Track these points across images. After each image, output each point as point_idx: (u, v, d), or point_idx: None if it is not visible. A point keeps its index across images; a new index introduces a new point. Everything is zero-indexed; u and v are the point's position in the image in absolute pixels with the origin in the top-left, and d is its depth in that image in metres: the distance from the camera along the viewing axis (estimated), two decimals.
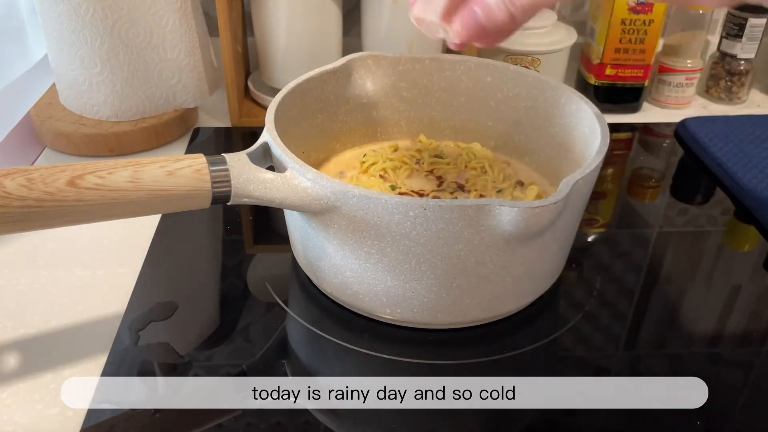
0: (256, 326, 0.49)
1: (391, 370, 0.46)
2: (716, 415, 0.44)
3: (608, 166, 0.72)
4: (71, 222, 0.39)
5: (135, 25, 0.65)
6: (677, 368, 0.47)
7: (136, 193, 0.40)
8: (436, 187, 0.57)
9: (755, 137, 0.72)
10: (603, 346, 0.49)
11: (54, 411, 0.43)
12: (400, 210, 0.41)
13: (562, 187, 0.42)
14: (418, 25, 0.44)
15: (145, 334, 0.48)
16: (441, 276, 0.44)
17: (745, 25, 0.79)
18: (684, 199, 0.67)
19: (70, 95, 0.70)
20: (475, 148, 0.61)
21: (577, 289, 0.54)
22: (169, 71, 0.69)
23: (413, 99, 0.62)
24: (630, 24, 0.75)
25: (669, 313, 0.52)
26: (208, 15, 0.77)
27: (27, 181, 0.37)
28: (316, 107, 0.57)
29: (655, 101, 0.84)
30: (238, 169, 0.43)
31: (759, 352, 0.49)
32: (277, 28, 0.72)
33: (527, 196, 0.55)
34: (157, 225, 0.59)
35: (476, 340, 0.48)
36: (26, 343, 0.47)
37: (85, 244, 0.57)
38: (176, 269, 0.55)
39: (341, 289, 0.48)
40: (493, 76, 0.59)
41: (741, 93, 0.84)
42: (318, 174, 0.43)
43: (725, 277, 0.56)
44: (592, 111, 0.51)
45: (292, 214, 0.49)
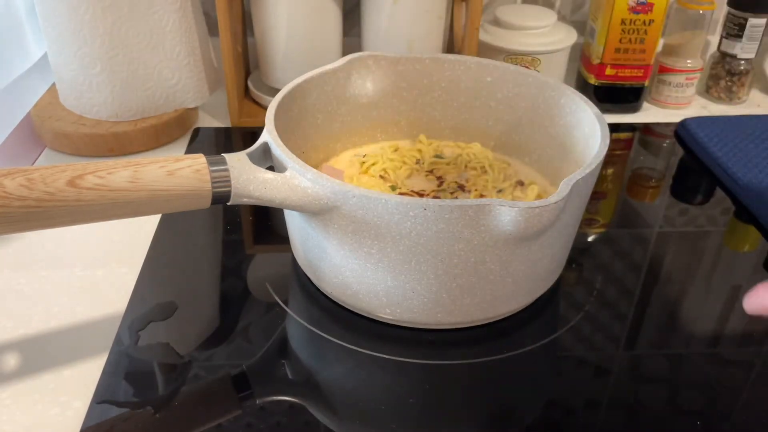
0: (256, 326, 0.49)
1: (391, 370, 0.46)
2: (716, 415, 0.44)
3: (608, 166, 0.72)
4: (71, 222, 0.39)
5: (135, 25, 0.65)
6: (677, 368, 0.47)
7: (136, 193, 0.40)
8: (436, 187, 0.57)
9: (755, 137, 0.72)
10: (603, 346, 0.49)
11: (54, 411, 0.43)
12: (400, 210, 0.41)
13: (563, 187, 0.42)
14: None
15: (145, 334, 0.48)
16: (441, 276, 0.44)
17: (745, 25, 0.79)
18: (684, 199, 0.67)
19: (70, 95, 0.70)
20: (476, 148, 0.61)
21: (577, 289, 0.54)
22: (169, 71, 0.69)
23: (413, 99, 0.62)
24: (630, 24, 0.75)
25: (669, 313, 0.52)
26: (208, 15, 0.77)
27: (27, 181, 0.37)
28: (316, 107, 0.57)
29: (655, 101, 0.84)
30: (238, 169, 0.43)
31: (759, 352, 0.49)
32: (277, 28, 0.72)
33: (527, 196, 0.55)
34: (157, 225, 0.59)
35: (476, 340, 0.48)
36: (26, 343, 0.47)
37: (85, 244, 0.57)
38: (176, 269, 0.55)
39: (341, 289, 0.48)
40: (493, 76, 0.59)
41: (741, 93, 0.84)
42: (318, 174, 0.43)
43: (725, 277, 0.56)
44: (592, 111, 0.52)
45: (292, 214, 0.49)
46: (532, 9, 0.80)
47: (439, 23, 0.73)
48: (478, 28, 0.70)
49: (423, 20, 0.72)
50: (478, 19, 0.70)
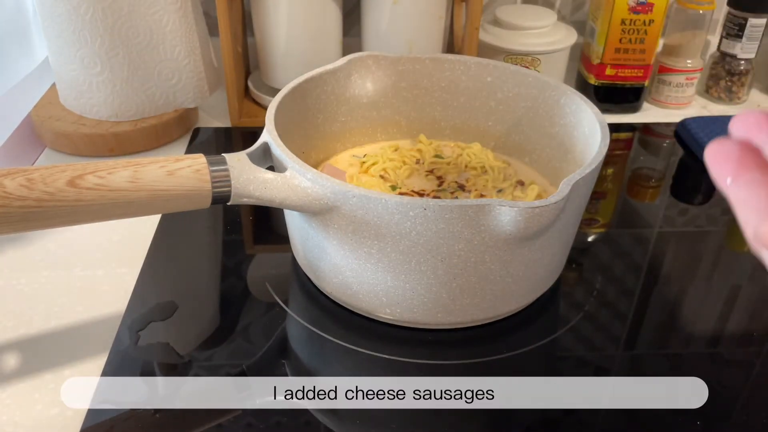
0: (256, 326, 0.49)
1: (391, 370, 0.46)
2: (716, 415, 0.44)
3: (608, 166, 0.72)
4: (71, 222, 0.39)
5: (135, 25, 0.65)
6: (677, 368, 0.47)
7: (136, 193, 0.40)
8: (436, 187, 0.57)
9: None
10: (603, 346, 0.49)
11: (54, 411, 0.43)
12: (400, 210, 0.41)
13: (563, 187, 0.42)
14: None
15: (145, 334, 0.48)
16: (441, 276, 0.44)
17: (745, 25, 0.79)
18: (684, 199, 0.67)
19: (70, 95, 0.70)
20: (476, 148, 0.61)
21: (577, 289, 0.54)
22: (169, 71, 0.69)
23: (413, 99, 0.62)
24: (630, 24, 0.75)
25: (669, 313, 0.52)
26: (208, 15, 0.77)
27: (27, 181, 0.37)
28: (316, 107, 0.57)
29: (655, 101, 0.84)
30: (238, 169, 0.43)
31: (759, 352, 0.49)
32: (277, 28, 0.72)
33: (528, 195, 0.55)
34: (157, 225, 0.59)
35: (476, 340, 0.48)
36: (26, 343, 0.47)
37: (85, 244, 0.57)
38: (176, 269, 0.55)
39: (341, 289, 0.48)
40: (493, 76, 0.59)
41: (741, 93, 0.84)
42: (318, 174, 0.43)
43: (725, 277, 0.56)
44: (592, 111, 0.52)
45: (292, 214, 0.49)
46: (532, 9, 0.80)
47: (439, 23, 0.73)
48: (478, 28, 0.70)
49: (423, 20, 0.72)
50: (478, 19, 0.70)
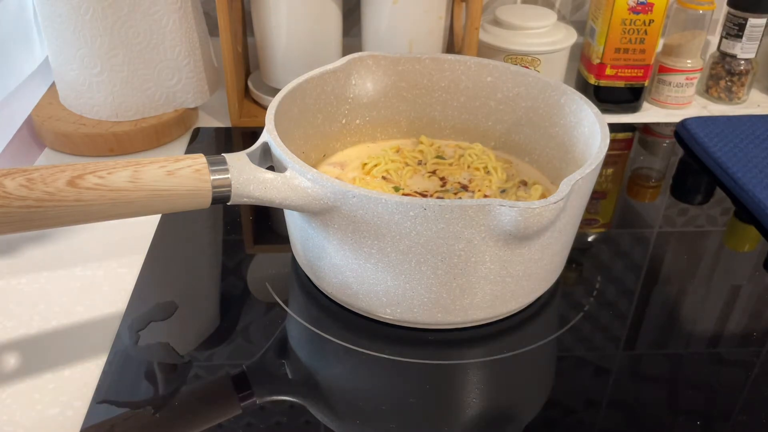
0: (256, 326, 0.49)
1: (391, 370, 0.46)
2: (716, 415, 0.44)
3: (608, 166, 0.72)
4: (71, 222, 0.39)
5: (135, 25, 0.65)
6: (677, 368, 0.47)
7: (136, 193, 0.40)
8: (439, 187, 0.57)
9: (755, 137, 0.72)
10: (603, 346, 0.49)
11: (54, 411, 0.43)
12: (400, 210, 0.41)
13: (563, 186, 0.42)
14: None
15: (145, 334, 0.48)
16: (441, 276, 0.44)
17: (745, 25, 0.79)
18: (684, 199, 0.67)
19: (70, 95, 0.70)
20: (477, 148, 0.61)
21: (577, 289, 0.54)
22: (169, 71, 0.69)
23: (413, 99, 0.62)
24: (630, 24, 0.75)
25: (669, 313, 0.52)
26: (208, 15, 0.77)
27: (27, 181, 0.37)
28: (316, 107, 0.57)
29: (655, 101, 0.84)
30: (238, 169, 0.43)
31: (759, 352, 0.49)
32: (277, 28, 0.72)
33: (531, 195, 0.55)
34: (157, 225, 0.59)
35: (476, 340, 0.48)
36: (26, 343, 0.47)
37: (85, 244, 0.57)
38: (176, 269, 0.55)
39: (341, 289, 0.48)
40: (493, 76, 0.59)
41: (741, 93, 0.84)
42: (318, 174, 0.43)
43: (725, 277, 0.56)
44: (592, 111, 0.52)
45: (292, 214, 0.49)
46: (532, 9, 0.80)
47: (439, 23, 0.73)
48: (478, 28, 0.70)
49: (423, 20, 0.72)
50: (478, 19, 0.70)
